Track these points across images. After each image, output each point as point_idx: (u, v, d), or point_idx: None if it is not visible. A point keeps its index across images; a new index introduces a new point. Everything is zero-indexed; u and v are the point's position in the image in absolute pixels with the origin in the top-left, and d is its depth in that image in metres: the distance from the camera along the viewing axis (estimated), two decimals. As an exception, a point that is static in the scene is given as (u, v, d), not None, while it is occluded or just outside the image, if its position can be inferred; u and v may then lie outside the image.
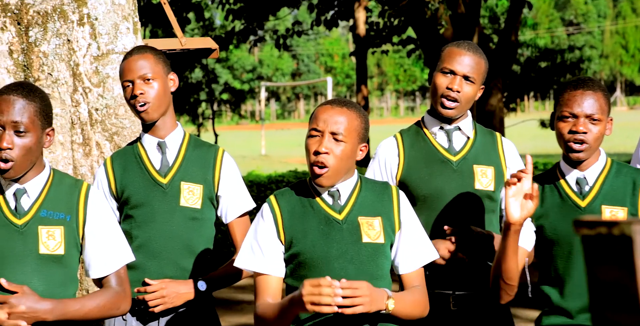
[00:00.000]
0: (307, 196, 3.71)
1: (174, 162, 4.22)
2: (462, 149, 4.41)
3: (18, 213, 3.57)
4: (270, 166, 30.24)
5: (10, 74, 5.12)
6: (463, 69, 4.30)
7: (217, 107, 48.32)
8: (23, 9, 5.13)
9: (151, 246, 4.18)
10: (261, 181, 17.48)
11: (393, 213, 3.72)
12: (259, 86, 66.74)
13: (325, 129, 3.60)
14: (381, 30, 21.93)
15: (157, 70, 4.18)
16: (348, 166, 3.64)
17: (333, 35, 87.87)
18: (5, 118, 3.48)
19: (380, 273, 3.67)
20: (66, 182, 3.67)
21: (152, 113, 4.16)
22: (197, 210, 4.21)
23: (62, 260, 3.58)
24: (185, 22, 19.31)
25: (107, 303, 3.64)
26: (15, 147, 3.48)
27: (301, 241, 3.65)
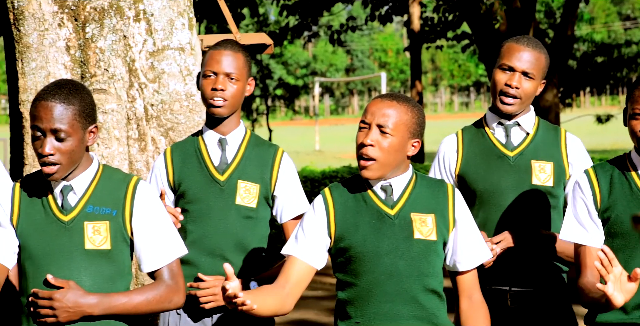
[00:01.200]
0: (360, 190, 3.70)
1: (233, 160, 4.22)
2: (520, 144, 4.38)
3: (65, 210, 3.59)
4: (324, 161, 30.25)
5: (67, 70, 5.16)
6: (522, 65, 4.26)
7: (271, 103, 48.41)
8: (80, 6, 5.17)
9: (205, 242, 4.18)
10: (315, 177, 17.48)
11: (448, 211, 3.70)
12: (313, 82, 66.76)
13: (373, 121, 3.60)
14: (436, 25, 21.85)
15: (243, 72, 4.19)
16: (397, 160, 3.62)
17: (387, 31, 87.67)
18: (45, 125, 3.49)
19: (432, 270, 3.66)
20: (115, 177, 3.68)
21: (224, 111, 4.17)
22: (252, 209, 4.21)
23: (109, 255, 3.59)
24: (239, 18, 19.35)
25: (157, 296, 3.63)
26: (57, 152, 3.50)
27: (352, 235, 3.65)
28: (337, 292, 3.72)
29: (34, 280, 3.53)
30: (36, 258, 3.54)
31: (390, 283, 3.61)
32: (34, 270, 3.54)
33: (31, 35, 5.15)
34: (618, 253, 3.76)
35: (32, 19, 5.14)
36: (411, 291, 3.62)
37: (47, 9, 5.15)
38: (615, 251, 3.76)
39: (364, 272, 3.63)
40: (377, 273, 3.62)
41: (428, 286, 3.65)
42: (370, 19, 21.18)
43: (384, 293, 3.61)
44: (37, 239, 3.55)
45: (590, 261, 3.78)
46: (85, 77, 5.16)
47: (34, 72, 5.14)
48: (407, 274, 3.61)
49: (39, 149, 3.50)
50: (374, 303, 3.62)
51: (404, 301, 3.62)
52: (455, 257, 3.72)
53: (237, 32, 5.77)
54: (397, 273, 3.61)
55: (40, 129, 3.50)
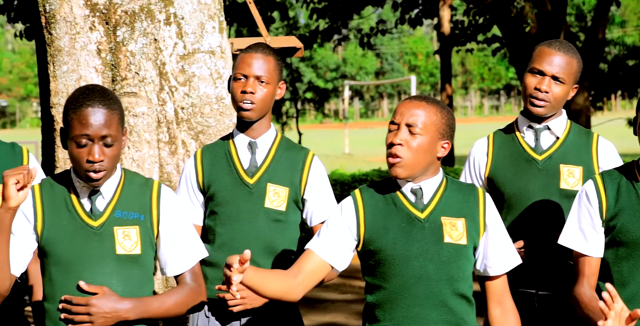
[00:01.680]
0: (390, 193, 3.69)
1: (263, 163, 4.22)
2: (549, 148, 4.37)
3: (94, 215, 3.57)
4: (353, 164, 30.25)
5: (98, 73, 5.18)
6: (552, 70, 4.25)
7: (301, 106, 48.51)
8: (111, 9, 5.19)
9: (233, 245, 4.18)
10: (345, 180, 17.47)
11: (478, 215, 3.68)
12: (342, 85, 66.76)
13: (402, 121, 3.60)
14: (466, 28, 21.80)
15: (274, 75, 4.18)
16: (426, 161, 3.61)
17: (417, 34, 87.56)
18: (94, 132, 3.46)
19: (461, 274, 3.64)
20: (137, 181, 3.68)
21: (253, 115, 4.16)
22: (281, 212, 4.20)
23: (139, 260, 3.59)
24: (269, 21, 19.38)
25: (186, 299, 3.65)
26: (106, 158, 3.49)
27: (382, 237, 3.64)
28: (366, 295, 3.71)
29: (64, 286, 3.52)
30: (66, 264, 3.52)
31: (419, 286, 3.60)
32: (63, 276, 3.53)
33: (63, 39, 5.17)
34: (622, 262, 3.76)
35: (64, 23, 5.17)
36: (440, 295, 3.61)
37: (79, 13, 5.17)
38: (620, 260, 3.76)
39: (393, 275, 3.62)
40: (407, 277, 3.61)
41: (457, 290, 3.63)
42: (400, 22, 21.15)
43: (412, 297, 3.60)
44: (65, 245, 3.53)
45: (588, 270, 3.80)
46: (116, 80, 5.18)
47: (65, 76, 5.16)
48: (436, 278, 3.60)
49: (86, 156, 3.46)
50: (402, 307, 3.61)
51: (433, 305, 3.61)
52: (485, 262, 3.70)
53: (267, 35, 5.78)
54: (427, 277, 3.60)
55: (87, 136, 3.46)
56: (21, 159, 4.22)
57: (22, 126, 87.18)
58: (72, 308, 3.47)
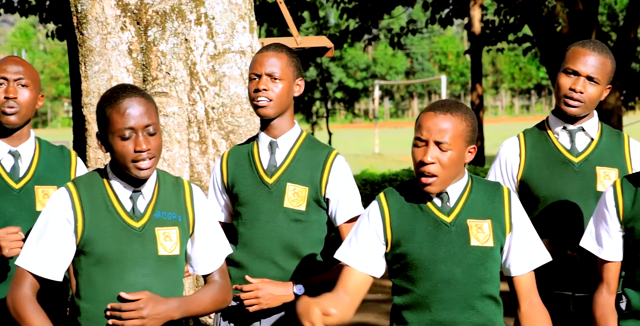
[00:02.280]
0: (416, 197, 3.67)
1: (282, 162, 4.21)
2: (584, 150, 4.34)
3: (135, 216, 3.58)
4: (383, 164, 30.20)
5: (129, 73, 5.20)
6: (587, 70, 4.22)
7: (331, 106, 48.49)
8: (142, 9, 5.21)
9: (254, 245, 4.18)
10: (375, 180, 17.45)
11: (504, 215, 3.66)
12: (372, 85, 66.67)
13: (430, 138, 3.55)
14: (497, 28, 21.72)
15: (287, 72, 4.18)
16: (457, 171, 3.60)
17: (447, 34, 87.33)
18: (137, 123, 3.48)
19: (489, 276, 3.63)
20: (168, 181, 3.69)
21: (270, 111, 4.16)
22: (301, 212, 4.19)
23: (176, 260, 3.61)
24: (300, 21, 19.39)
25: (219, 296, 3.68)
26: (152, 147, 3.50)
27: (408, 242, 3.63)
28: (393, 297, 3.71)
29: (105, 287, 3.52)
30: (107, 264, 3.52)
31: (447, 290, 3.59)
32: (104, 277, 3.53)
33: (94, 39, 5.20)
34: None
35: (95, 23, 5.19)
36: (468, 299, 3.60)
37: (110, 13, 5.19)
38: None
39: (420, 279, 3.62)
40: (434, 281, 3.60)
41: (485, 292, 3.62)
42: (430, 22, 21.10)
43: (440, 301, 3.60)
44: (107, 246, 3.53)
45: (606, 274, 3.87)
46: (147, 80, 5.19)
47: (97, 76, 5.19)
48: (464, 281, 3.59)
49: (134, 147, 3.47)
50: (430, 311, 3.61)
51: (461, 309, 3.60)
52: (512, 260, 3.69)
53: (298, 35, 5.78)
54: (454, 281, 3.59)
55: (131, 128, 3.48)
56: (69, 161, 4.26)
57: (53, 126, 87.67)
58: (122, 314, 3.47)
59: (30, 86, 4.15)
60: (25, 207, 4.14)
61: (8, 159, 4.17)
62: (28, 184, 4.16)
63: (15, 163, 4.17)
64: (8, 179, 4.15)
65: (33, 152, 4.22)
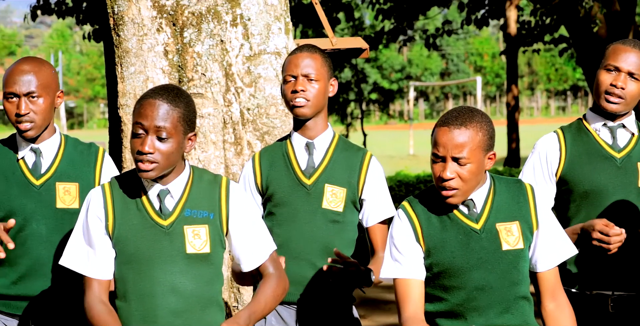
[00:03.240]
0: (441, 206, 3.64)
1: (320, 164, 4.22)
2: (626, 145, 4.32)
3: (163, 214, 3.59)
4: (418, 165, 30.14)
5: (165, 75, 5.21)
6: (628, 66, 4.22)
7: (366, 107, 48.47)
8: (178, 10, 5.22)
9: (291, 246, 4.19)
10: (409, 181, 17.44)
11: (530, 214, 3.65)
12: (407, 86, 66.59)
13: (447, 154, 3.52)
14: (533, 29, 21.62)
15: (322, 72, 4.20)
16: (478, 180, 3.58)
17: (483, 35, 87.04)
18: (149, 123, 3.49)
19: (521, 277, 3.63)
20: (205, 179, 3.69)
21: (308, 111, 4.18)
22: (339, 213, 4.20)
23: (208, 258, 3.61)
24: (335, 22, 19.40)
25: (278, 289, 3.69)
26: (157, 152, 3.49)
27: (440, 251, 3.61)
28: (425, 304, 3.68)
29: (135, 285, 3.54)
30: (137, 262, 3.54)
31: (482, 297, 3.58)
32: (134, 275, 3.55)
33: (130, 40, 5.21)
34: None
35: (132, 24, 5.21)
36: (503, 303, 3.59)
37: (146, 14, 5.21)
38: None
39: (454, 288, 3.60)
40: (469, 289, 3.59)
41: (519, 294, 3.62)
42: (466, 22, 21.05)
43: (475, 308, 3.59)
44: (136, 244, 3.55)
45: None
46: (182, 81, 5.21)
47: (133, 77, 5.20)
48: (498, 286, 3.58)
49: (138, 146, 3.50)
50: (466, 318, 3.60)
51: (496, 314, 3.59)
52: (537, 257, 3.67)
53: (333, 36, 5.78)
54: (489, 286, 3.58)
55: (142, 127, 3.50)
56: (95, 158, 4.27)
57: (89, 127, 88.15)
58: None
59: (42, 95, 4.13)
60: (46, 203, 4.16)
61: (30, 156, 4.19)
62: (49, 180, 4.18)
63: (37, 159, 4.19)
64: (29, 176, 4.17)
65: (57, 149, 4.24)
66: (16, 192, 4.14)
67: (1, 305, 4.18)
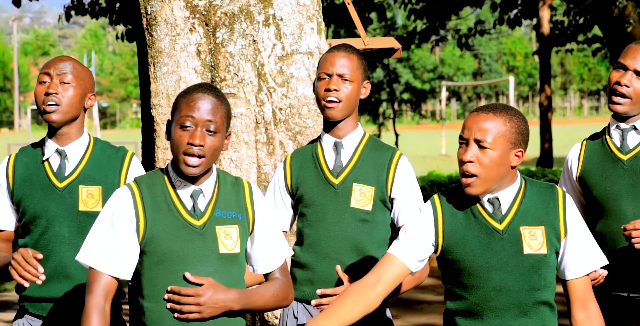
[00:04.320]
0: (469, 202, 3.64)
1: (348, 163, 4.22)
2: (635, 147, 4.29)
3: (196, 214, 3.59)
4: (450, 166, 30.06)
5: (197, 75, 5.22)
6: (635, 64, 4.18)
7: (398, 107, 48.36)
8: (211, 11, 5.23)
9: (321, 246, 4.19)
10: (441, 181, 17.39)
11: (559, 221, 3.61)
12: (439, 86, 66.48)
13: (470, 136, 3.53)
14: (566, 28, 21.54)
15: (357, 74, 4.19)
16: (499, 174, 3.55)
17: (516, 34, 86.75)
18: (199, 116, 3.50)
19: (543, 283, 3.59)
20: (229, 180, 3.69)
21: (338, 113, 4.17)
22: (367, 212, 4.19)
23: (237, 258, 3.61)
24: (367, 22, 19.39)
25: (280, 293, 3.67)
26: (206, 146, 3.50)
27: (460, 248, 3.60)
28: (446, 301, 3.69)
29: (168, 285, 3.52)
30: (169, 263, 3.53)
31: (500, 298, 3.57)
32: (165, 275, 3.53)
33: (163, 40, 5.23)
34: None
35: (165, 24, 5.22)
36: (522, 306, 3.57)
37: (179, 14, 5.22)
38: None
39: (472, 287, 3.59)
40: (487, 289, 3.57)
41: (539, 299, 3.59)
42: (498, 22, 20.99)
43: (492, 309, 3.57)
44: (169, 245, 3.54)
45: None
46: (215, 81, 5.22)
47: (166, 77, 5.22)
48: (517, 289, 3.56)
49: (187, 138, 3.49)
50: (482, 318, 3.59)
51: (514, 316, 3.57)
52: (566, 264, 3.64)
53: (366, 36, 5.77)
54: (507, 289, 3.56)
55: (192, 119, 3.50)
56: (122, 162, 4.26)
57: (122, 127, 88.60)
58: (181, 298, 3.48)
59: (75, 84, 4.15)
60: (68, 206, 4.16)
61: (55, 158, 4.19)
62: (72, 183, 4.17)
63: (62, 162, 4.19)
64: (53, 178, 4.17)
65: (83, 152, 4.23)
66: (40, 195, 4.14)
67: (28, 306, 4.20)
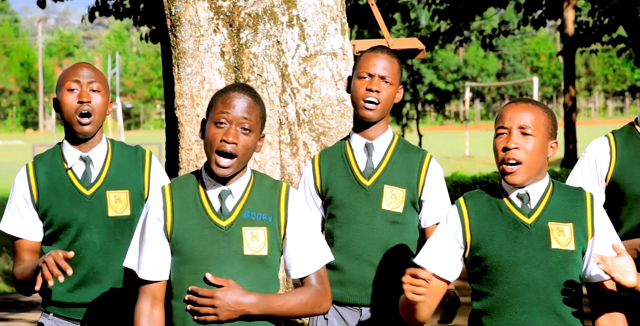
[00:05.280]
0: (496, 199, 3.65)
1: (379, 164, 4.22)
2: None
3: (222, 215, 3.58)
4: (474, 166, 30.01)
5: (221, 75, 5.23)
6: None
7: (422, 108, 48.36)
8: (235, 12, 5.23)
9: (352, 247, 4.19)
10: (465, 182, 17.35)
11: (586, 219, 3.61)
12: (463, 86, 66.38)
13: (512, 125, 3.56)
14: (591, 29, 21.47)
15: (396, 77, 4.21)
16: (540, 162, 3.57)
17: (540, 35, 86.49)
18: (235, 114, 3.51)
19: (570, 280, 3.58)
20: (266, 183, 3.68)
21: (375, 115, 4.18)
22: (398, 214, 4.19)
23: (265, 261, 3.59)
24: (391, 23, 19.38)
25: (310, 300, 3.63)
26: (239, 144, 3.50)
27: (488, 244, 3.60)
28: (472, 302, 3.68)
29: (193, 285, 3.53)
30: (194, 262, 3.54)
31: (527, 293, 3.55)
32: (191, 275, 3.54)
33: (187, 41, 5.24)
34: None
35: (189, 25, 5.23)
36: (549, 302, 3.55)
37: (203, 16, 5.23)
38: None
39: (499, 282, 3.58)
40: (514, 283, 3.56)
41: (566, 296, 3.57)
42: (523, 23, 20.94)
43: (520, 304, 3.56)
44: (194, 244, 3.55)
45: None
46: (238, 82, 5.22)
47: (189, 78, 5.23)
48: (544, 284, 3.55)
49: (221, 136, 3.50)
50: (510, 314, 3.57)
51: (541, 312, 3.55)
52: (592, 267, 3.62)
53: (389, 37, 5.76)
54: (534, 284, 3.55)
55: (227, 117, 3.51)
56: (143, 163, 4.27)
57: (145, 128, 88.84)
58: (198, 299, 3.48)
59: (102, 92, 4.16)
60: (98, 213, 4.16)
61: (79, 165, 4.19)
62: (99, 189, 4.18)
63: (87, 168, 4.18)
64: (79, 186, 4.17)
65: (105, 156, 4.23)
66: (68, 203, 4.14)
67: (60, 310, 4.21)
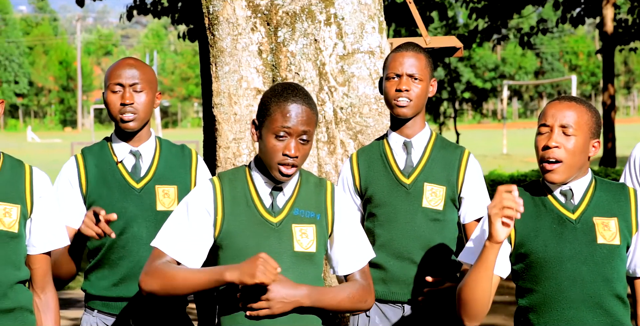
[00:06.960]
0: (539, 195, 3.64)
1: (419, 162, 4.21)
2: None
3: (273, 212, 3.61)
4: (511, 165, 29.91)
5: (259, 74, 5.24)
6: None
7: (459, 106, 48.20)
8: (273, 10, 5.24)
9: (393, 245, 4.19)
10: (503, 181, 17.30)
11: (630, 214, 3.60)
12: (501, 85, 66.07)
13: (554, 123, 3.55)
14: (630, 27, 21.31)
15: (425, 72, 4.20)
16: (581, 161, 3.56)
17: (578, 33, 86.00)
18: (295, 127, 3.53)
19: (616, 275, 3.56)
20: (312, 181, 3.71)
21: (409, 112, 4.18)
22: (439, 211, 4.19)
23: (313, 258, 3.62)
24: (428, 21, 19.33)
25: (357, 294, 3.66)
26: (300, 155, 3.55)
27: (533, 240, 3.58)
28: (518, 299, 3.67)
29: None
30: (244, 258, 3.50)
31: (573, 289, 3.54)
32: None
33: (225, 40, 5.25)
34: None
35: (227, 24, 5.24)
36: (596, 297, 3.54)
37: (241, 14, 5.24)
38: None
39: (545, 278, 3.57)
40: (560, 279, 3.55)
41: (613, 291, 3.55)
42: (561, 21, 20.82)
43: (567, 300, 3.54)
44: (244, 240, 3.57)
45: None
46: (276, 80, 5.23)
47: (227, 76, 5.24)
48: (591, 279, 3.53)
49: (282, 149, 3.53)
50: (557, 310, 3.55)
51: (588, 308, 3.54)
52: (636, 261, 3.61)
53: (427, 35, 5.76)
54: (581, 279, 3.53)
55: (288, 129, 3.53)
56: (190, 161, 4.32)
57: (183, 126, 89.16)
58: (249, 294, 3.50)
59: (145, 89, 4.20)
60: (146, 207, 4.21)
61: (129, 159, 4.25)
62: (149, 183, 4.23)
63: (137, 162, 4.24)
64: (129, 179, 4.22)
65: (154, 152, 4.29)
66: (117, 196, 4.19)
67: (101, 305, 4.24)
